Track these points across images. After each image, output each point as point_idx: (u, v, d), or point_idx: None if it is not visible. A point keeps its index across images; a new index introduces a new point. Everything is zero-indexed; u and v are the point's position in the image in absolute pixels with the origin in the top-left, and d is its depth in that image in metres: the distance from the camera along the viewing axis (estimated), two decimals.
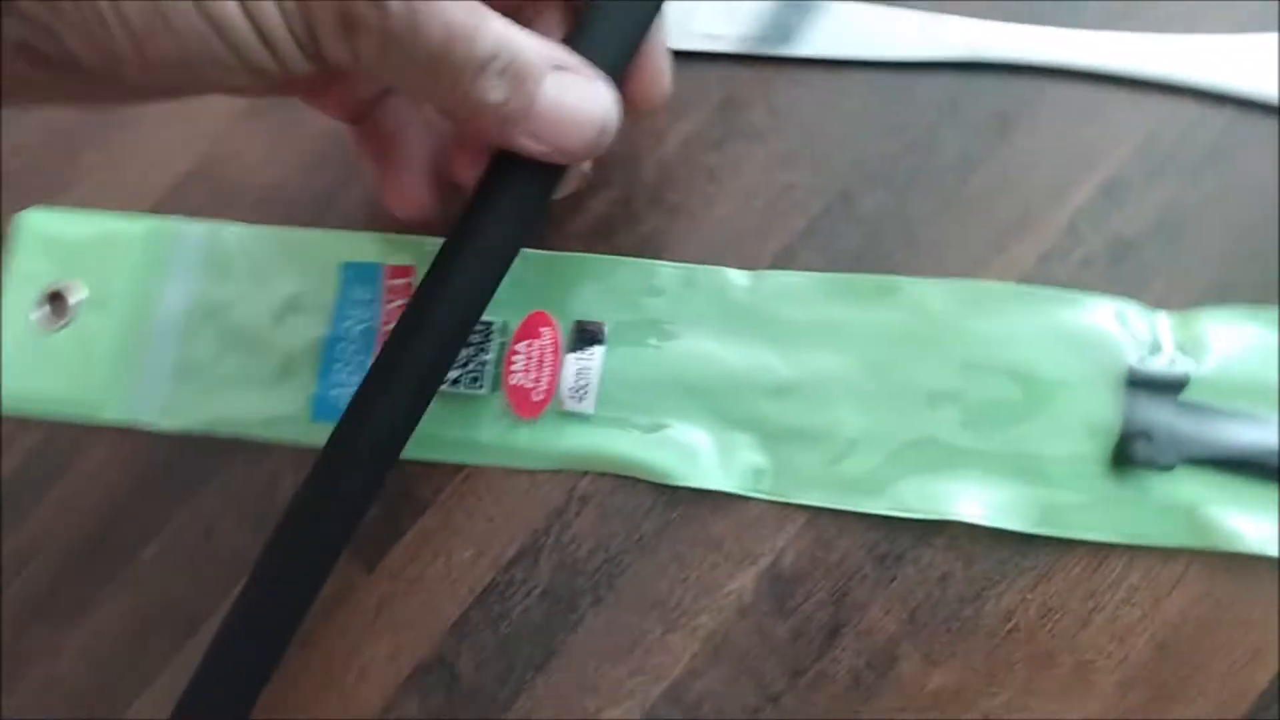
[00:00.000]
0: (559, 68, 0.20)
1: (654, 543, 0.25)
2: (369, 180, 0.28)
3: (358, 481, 0.23)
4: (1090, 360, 0.25)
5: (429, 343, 0.23)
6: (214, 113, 0.30)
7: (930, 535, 0.24)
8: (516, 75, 0.19)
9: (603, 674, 0.25)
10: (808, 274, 0.26)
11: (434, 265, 0.23)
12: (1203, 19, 0.27)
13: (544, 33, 0.22)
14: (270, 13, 0.16)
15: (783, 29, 0.28)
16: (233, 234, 0.29)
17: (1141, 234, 0.25)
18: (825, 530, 0.25)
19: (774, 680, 0.24)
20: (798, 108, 0.28)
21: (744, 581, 0.25)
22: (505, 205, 0.22)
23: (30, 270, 0.29)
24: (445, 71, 0.18)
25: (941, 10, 0.27)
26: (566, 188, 0.25)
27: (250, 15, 0.16)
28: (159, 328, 0.28)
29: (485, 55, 0.18)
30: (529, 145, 0.20)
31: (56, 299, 0.29)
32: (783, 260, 0.27)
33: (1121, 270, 0.25)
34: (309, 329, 0.28)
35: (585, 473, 0.26)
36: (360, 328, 0.28)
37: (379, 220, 0.28)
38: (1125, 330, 0.25)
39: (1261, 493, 0.23)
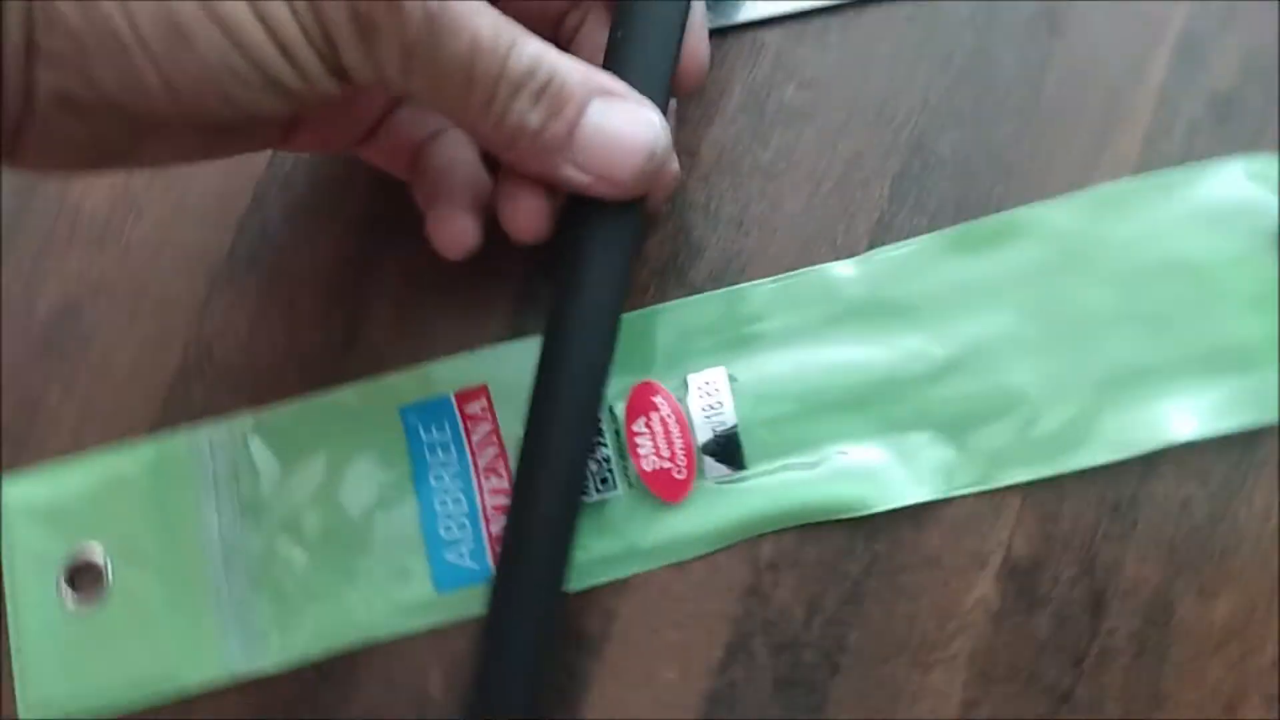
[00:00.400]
0: (603, 93, 0.19)
1: (870, 585, 0.23)
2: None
3: (531, 639, 0.20)
4: (1243, 229, 0.23)
5: (569, 451, 0.20)
6: (181, 299, 0.25)
7: (1153, 465, 0.22)
8: (555, 98, 0.18)
9: None
10: (916, 240, 0.24)
11: (545, 351, 0.21)
12: None
13: (592, 36, 0.21)
14: (284, 20, 0.16)
15: None
16: (255, 424, 0.24)
17: (1235, 85, 0.24)
18: (1044, 501, 0.23)
19: (1059, 678, 0.22)
20: (830, 72, 0.25)
21: (984, 588, 0.22)
22: (595, 259, 0.20)
23: (35, 549, 0.24)
24: (477, 88, 0.17)
25: None
26: (655, 204, 0.23)
27: (265, 25, 0.16)
28: (213, 560, 0.24)
29: (520, 74, 0.17)
30: (573, 176, 0.19)
31: (81, 572, 0.24)
32: (881, 235, 0.24)
33: (1231, 128, 0.24)
34: (392, 494, 0.24)
35: (762, 536, 0.23)
36: (450, 473, 0.24)
37: (411, 345, 0.24)
38: (1265, 186, 0.23)
39: None
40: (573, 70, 0.18)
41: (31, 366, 0.25)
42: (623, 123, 0.19)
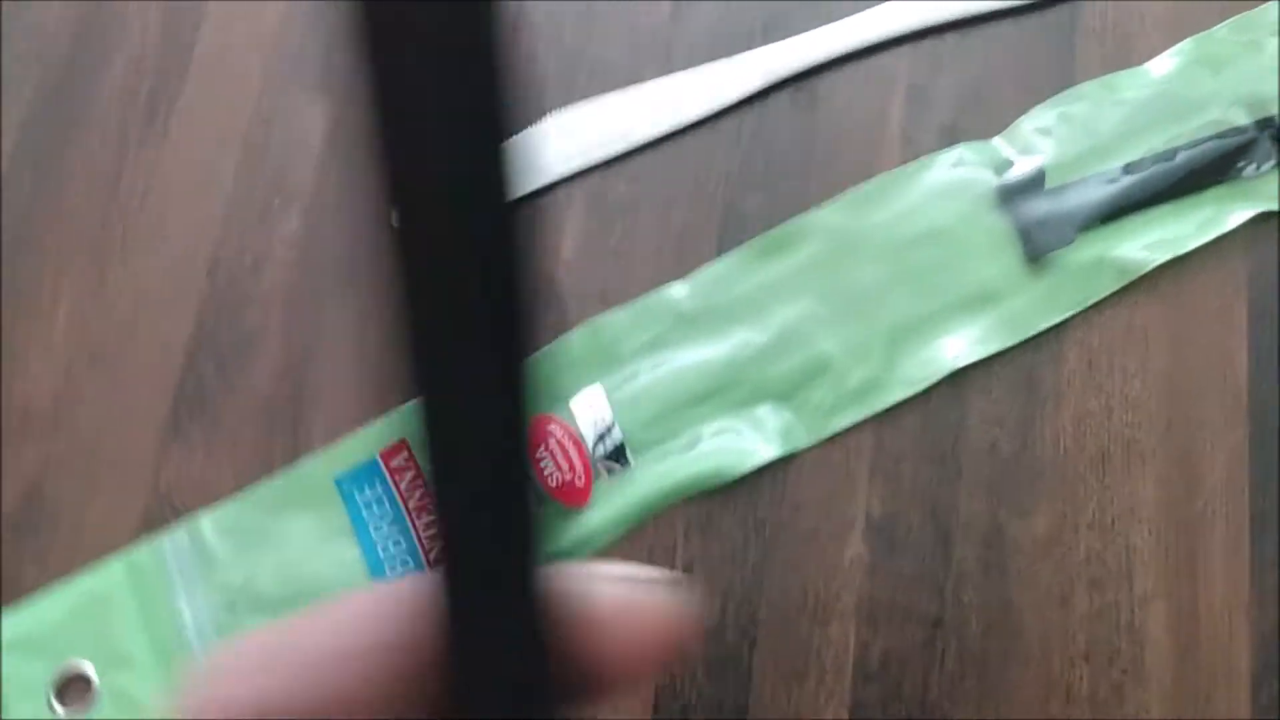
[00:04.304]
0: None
1: (766, 566, 0.27)
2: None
3: None
4: (968, 198, 0.29)
5: None
6: (134, 460, 0.28)
7: (963, 420, 0.28)
8: None
9: (796, 698, 0.26)
10: (726, 256, 0.29)
11: None
12: None
13: None
14: None
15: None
16: (213, 522, 0.27)
17: (955, 117, 0.30)
18: (886, 468, 0.27)
19: (929, 606, 0.26)
20: (650, 168, 0.30)
21: (855, 547, 0.27)
22: None
23: (23, 677, 0.26)
24: None
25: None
26: None
27: None
28: (193, 645, 0.27)
29: None
30: None
31: (71, 685, 0.26)
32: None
33: (968, 125, 0.30)
34: (338, 553, 0.27)
35: (672, 543, 0.27)
36: (387, 521, 0.27)
37: (342, 419, 0.28)
38: (978, 161, 0.30)
39: (1142, 222, 0.29)
40: None
41: (5, 551, 0.27)
42: None
